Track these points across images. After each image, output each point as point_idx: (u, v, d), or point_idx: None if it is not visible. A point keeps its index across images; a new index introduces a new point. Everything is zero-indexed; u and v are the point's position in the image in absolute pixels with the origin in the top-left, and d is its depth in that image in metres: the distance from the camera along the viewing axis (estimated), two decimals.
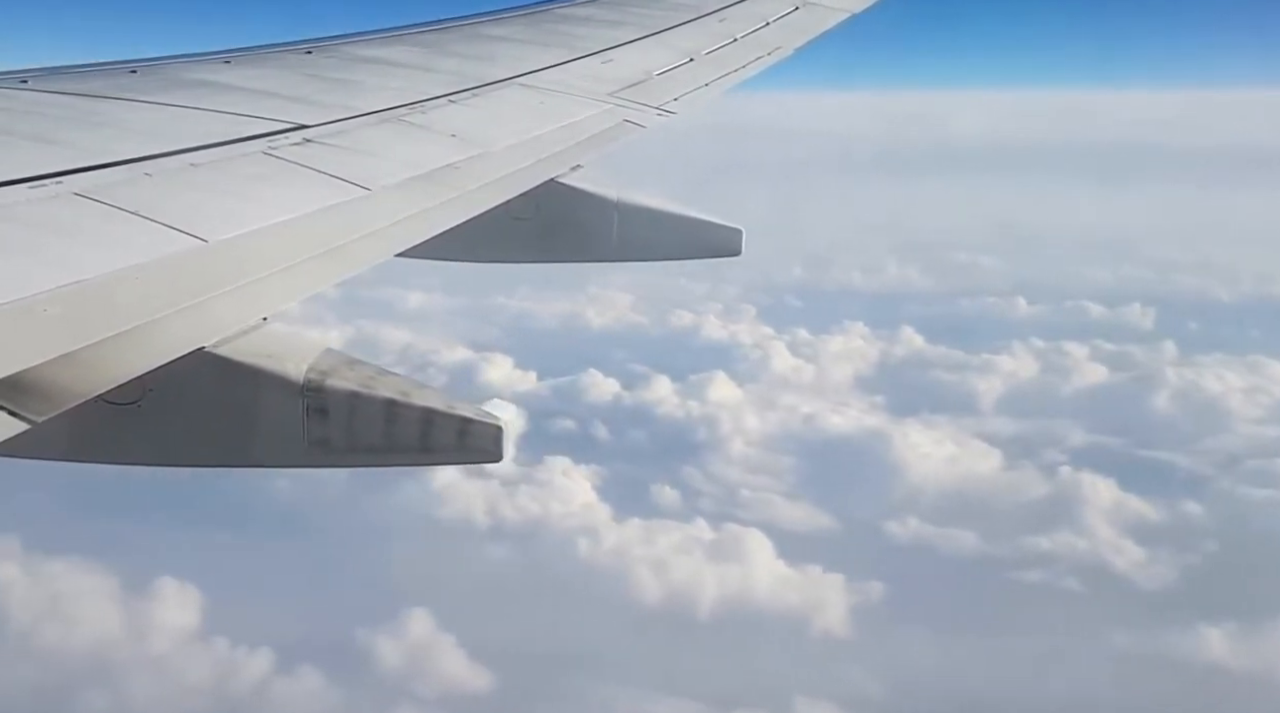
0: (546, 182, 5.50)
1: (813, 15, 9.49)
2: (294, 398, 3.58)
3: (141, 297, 3.15)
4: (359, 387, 3.63)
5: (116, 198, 3.69)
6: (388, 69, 6.56)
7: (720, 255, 6.46)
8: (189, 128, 4.70)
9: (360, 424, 3.64)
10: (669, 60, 7.79)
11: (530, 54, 7.34)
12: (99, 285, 3.10)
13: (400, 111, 5.61)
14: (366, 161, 4.76)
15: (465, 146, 5.30)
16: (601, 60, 7.51)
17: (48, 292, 2.96)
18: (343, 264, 3.92)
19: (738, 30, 8.74)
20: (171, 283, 3.31)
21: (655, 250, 6.48)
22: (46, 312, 2.89)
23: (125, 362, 3.01)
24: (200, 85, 5.52)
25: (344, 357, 3.74)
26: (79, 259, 3.21)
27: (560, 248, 6.37)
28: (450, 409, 3.67)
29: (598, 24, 8.45)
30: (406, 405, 3.64)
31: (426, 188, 4.72)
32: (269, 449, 3.71)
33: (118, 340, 2.96)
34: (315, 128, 5.01)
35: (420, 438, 3.66)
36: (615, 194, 6.22)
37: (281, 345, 3.62)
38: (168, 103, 5.09)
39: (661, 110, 6.82)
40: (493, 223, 5.01)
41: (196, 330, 3.28)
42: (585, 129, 6.17)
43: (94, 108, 4.85)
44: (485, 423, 3.68)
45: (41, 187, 3.65)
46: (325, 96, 5.64)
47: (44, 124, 4.53)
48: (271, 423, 3.64)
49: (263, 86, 5.68)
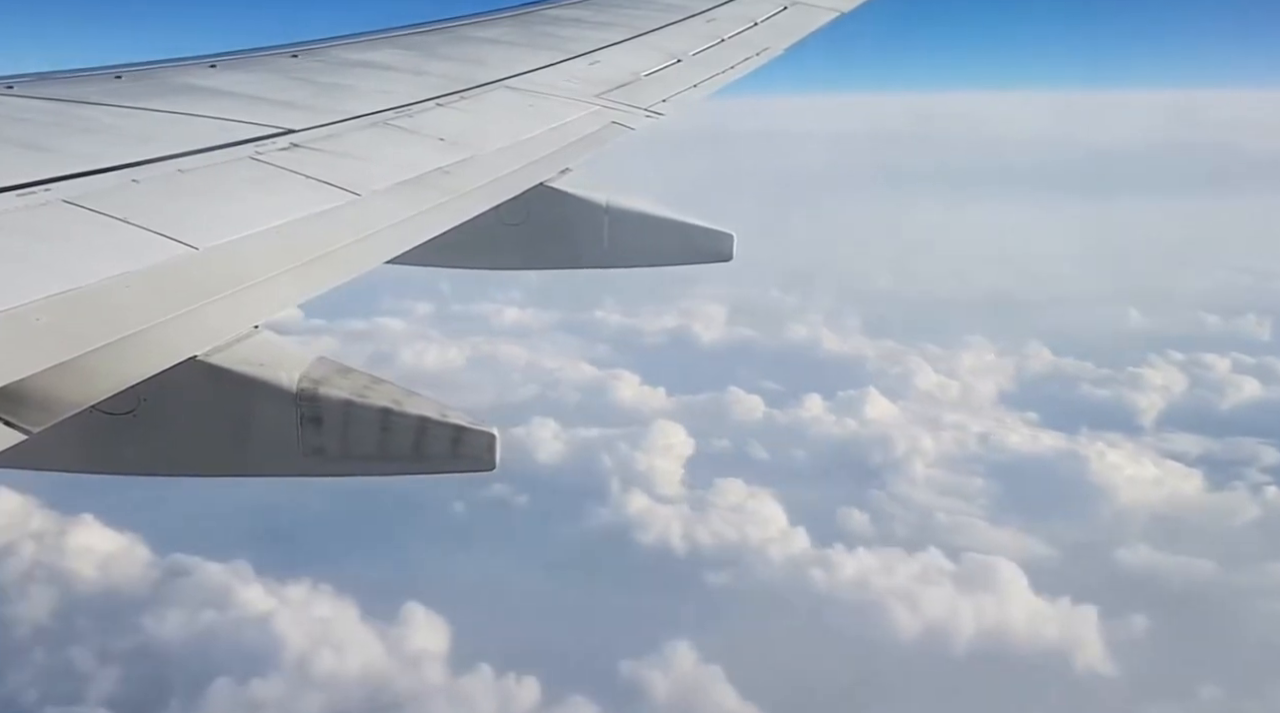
0: (537, 186, 5.48)
1: (801, 15, 9.49)
2: (288, 406, 3.56)
3: (133, 305, 3.14)
4: (352, 395, 3.61)
5: (105, 205, 3.67)
6: (375, 72, 6.53)
7: (712, 261, 6.44)
8: (176, 133, 4.68)
9: (354, 432, 3.63)
10: (657, 61, 7.78)
11: (518, 56, 7.32)
12: (90, 294, 3.09)
13: (388, 115, 5.59)
14: (355, 166, 4.74)
15: (454, 150, 5.28)
16: (589, 62, 7.50)
17: (39, 301, 2.96)
18: (333, 270, 3.90)
19: (726, 31, 8.73)
20: (162, 291, 3.29)
21: (647, 256, 6.46)
22: (39, 321, 2.88)
23: (119, 371, 2.99)
24: (187, 90, 5.49)
25: (336, 365, 3.73)
26: (69, 267, 3.20)
27: (551, 254, 6.35)
28: (444, 417, 3.66)
29: (585, 25, 8.44)
30: (400, 414, 3.63)
31: (416, 192, 4.70)
32: (263, 458, 3.69)
33: (110, 349, 2.94)
34: (303, 132, 4.99)
35: (414, 446, 3.65)
36: (605, 199, 6.20)
37: (274, 354, 3.60)
38: (154, 108, 5.06)
39: (650, 112, 6.81)
40: (484, 228, 5.00)
41: (189, 339, 3.27)
42: (574, 131, 6.16)
43: (81, 113, 4.82)
44: (479, 431, 3.67)
45: (30, 194, 3.64)
46: (312, 100, 5.61)
47: (31, 130, 4.50)
48: (266, 432, 3.62)
49: (249, 91, 5.65)
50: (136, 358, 3.03)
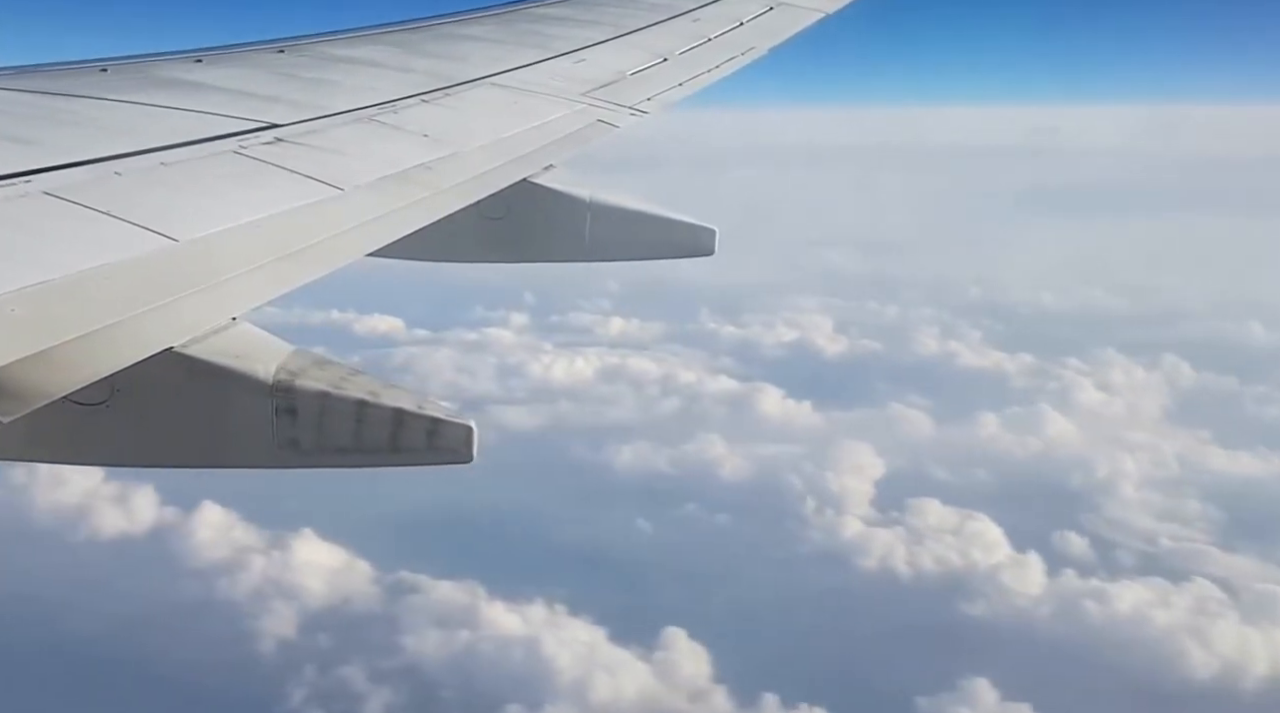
0: (519, 181, 5.51)
1: (786, 16, 9.53)
2: (263, 398, 3.58)
3: (110, 296, 3.15)
4: (329, 387, 3.63)
5: (86, 197, 3.67)
6: (360, 68, 6.55)
7: (693, 255, 6.48)
8: (160, 127, 4.69)
9: (330, 425, 3.64)
10: (642, 60, 7.81)
11: (503, 54, 7.34)
12: (67, 285, 3.09)
13: (372, 111, 5.60)
14: (338, 161, 4.76)
15: (437, 146, 5.30)
16: (574, 60, 7.53)
17: (14, 291, 2.95)
18: (314, 264, 3.91)
19: (711, 31, 8.76)
20: (141, 283, 3.30)
21: (628, 250, 6.49)
22: (14, 312, 2.88)
23: (93, 362, 3.01)
24: (171, 84, 5.50)
25: (314, 357, 3.74)
26: (47, 258, 3.20)
27: (532, 248, 6.38)
28: (420, 409, 3.68)
29: (571, 24, 8.46)
30: (376, 406, 3.64)
31: (398, 187, 4.72)
32: (238, 450, 3.70)
33: (85, 341, 2.95)
34: (287, 127, 5.01)
35: (390, 438, 3.66)
36: (588, 194, 6.23)
37: (251, 346, 3.62)
38: (139, 102, 5.07)
39: (635, 110, 6.83)
40: (465, 223, 5.02)
41: (165, 330, 3.28)
42: (558, 129, 6.19)
43: (64, 106, 4.83)
44: (455, 423, 3.69)
45: (10, 185, 3.64)
46: (297, 96, 5.63)
47: (13, 123, 4.50)
48: (240, 423, 3.63)
49: (234, 85, 5.66)
50: (111, 349, 3.05)
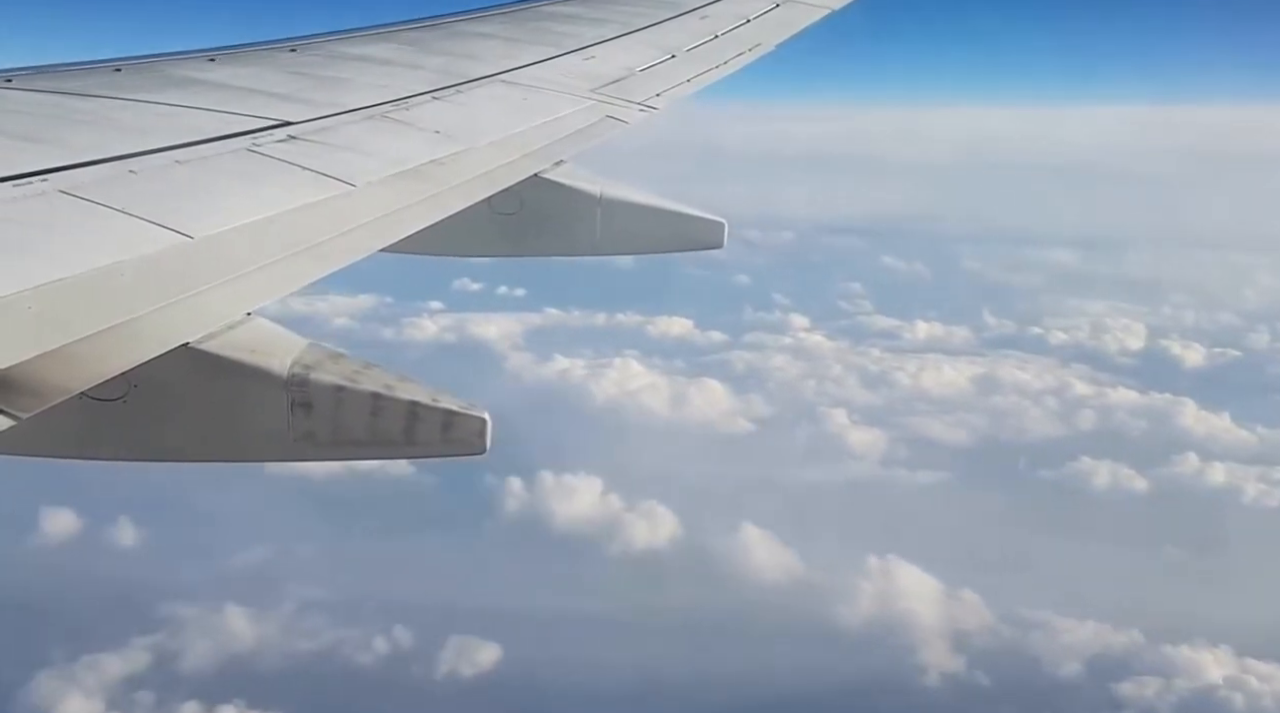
0: (530, 177, 5.53)
1: (793, 12, 9.54)
2: (278, 392, 3.61)
3: (126, 293, 3.18)
4: (343, 380, 3.66)
5: (102, 195, 3.70)
6: (372, 66, 6.58)
7: (702, 248, 6.50)
8: (174, 125, 4.72)
9: (345, 418, 3.67)
10: (651, 57, 7.83)
11: (513, 51, 7.37)
12: (83, 282, 3.12)
13: (384, 108, 5.63)
14: (351, 158, 4.79)
15: (449, 143, 5.33)
16: (584, 57, 7.55)
17: (31, 289, 2.97)
18: (327, 260, 3.94)
19: (719, 27, 8.79)
20: (156, 279, 3.33)
21: (639, 243, 6.52)
22: (30, 309, 2.91)
23: (109, 358, 3.03)
24: (185, 83, 5.54)
25: (328, 351, 3.77)
26: (64, 256, 3.23)
27: (543, 242, 6.41)
28: (434, 402, 3.70)
29: (580, 21, 8.49)
30: (391, 399, 3.67)
31: (411, 184, 4.75)
32: (254, 444, 3.73)
33: (102, 337, 2.98)
34: (300, 125, 5.04)
35: (405, 431, 3.69)
36: (598, 188, 6.26)
37: (266, 340, 3.65)
38: (153, 100, 5.10)
39: (644, 107, 6.85)
40: (476, 217, 5.05)
41: (181, 326, 3.31)
42: (568, 125, 6.21)
43: (79, 106, 4.86)
44: (470, 415, 3.71)
45: (27, 184, 3.66)
46: (310, 94, 5.66)
47: (29, 122, 4.54)
48: (256, 418, 3.66)
49: (247, 84, 5.70)
50: (127, 345, 3.08)
